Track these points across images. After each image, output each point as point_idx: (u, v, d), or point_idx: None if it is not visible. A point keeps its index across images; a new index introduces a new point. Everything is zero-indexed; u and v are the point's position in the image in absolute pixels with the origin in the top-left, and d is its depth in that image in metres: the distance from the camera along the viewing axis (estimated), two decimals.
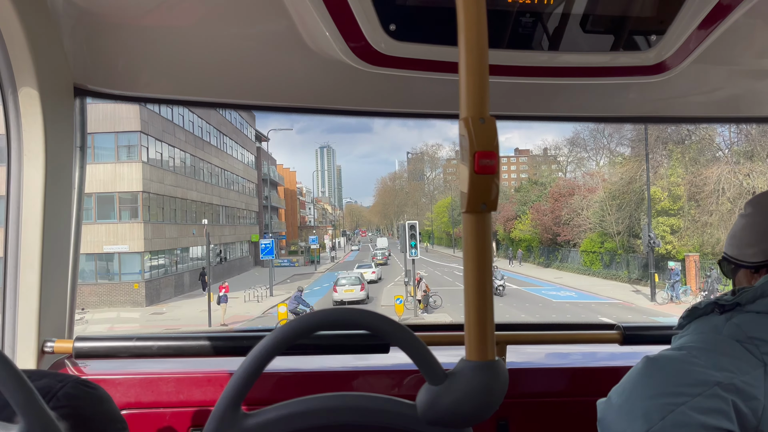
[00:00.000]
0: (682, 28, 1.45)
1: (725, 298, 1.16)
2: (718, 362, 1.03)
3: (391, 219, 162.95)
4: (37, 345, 1.68)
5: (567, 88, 1.79)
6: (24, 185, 1.62)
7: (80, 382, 1.01)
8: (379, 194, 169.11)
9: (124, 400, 1.74)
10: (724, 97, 2.05)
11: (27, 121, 1.59)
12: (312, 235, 64.83)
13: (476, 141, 0.80)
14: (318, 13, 1.33)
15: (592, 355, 2.20)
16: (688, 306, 1.22)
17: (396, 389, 1.84)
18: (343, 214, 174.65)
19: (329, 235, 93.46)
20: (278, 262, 64.50)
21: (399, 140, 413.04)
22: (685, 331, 1.19)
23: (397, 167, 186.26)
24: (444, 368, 0.88)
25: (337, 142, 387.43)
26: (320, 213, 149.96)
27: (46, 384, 0.96)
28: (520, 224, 54.11)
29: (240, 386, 0.87)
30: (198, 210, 44.80)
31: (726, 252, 1.30)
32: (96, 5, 1.54)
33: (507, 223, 57.34)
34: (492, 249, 0.87)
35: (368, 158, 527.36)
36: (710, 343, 1.09)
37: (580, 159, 66.09)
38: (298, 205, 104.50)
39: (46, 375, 1.02)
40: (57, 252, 1.74)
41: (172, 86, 1.85)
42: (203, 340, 1.79)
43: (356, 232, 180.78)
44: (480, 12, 0.82)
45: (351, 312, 0.88)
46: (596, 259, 41.99)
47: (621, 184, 39.57)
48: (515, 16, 1.37)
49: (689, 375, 1.03)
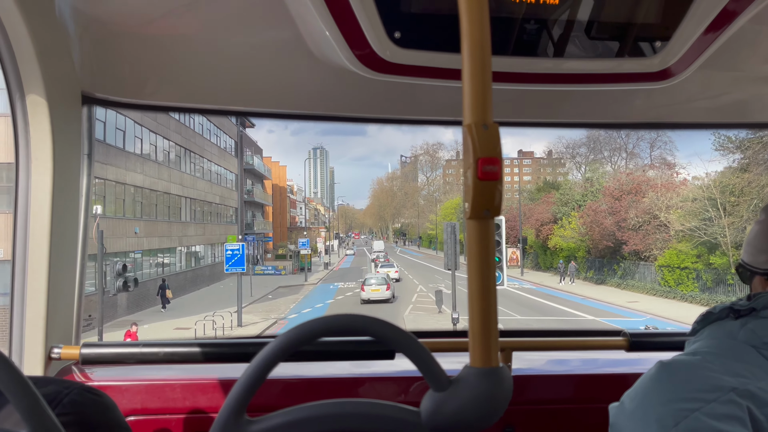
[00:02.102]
0: (687, 35, 1.44)
1: (740, 303, 1.15)
2: (733, 368, 1.03)
3: (387, 221, 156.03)
4: (44, 351, 1.69)
5: (571, 94, 1.82)
6: (32, 192, 1.64)
7: (86, 389, 1.02)
8: (374, 195, 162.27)
9: (130, 407, 1.75)
10: (730, 103, 2.05)
11: (35, 128, 1.61)
12: (302, 237, 54.00)
13: (479, 147, 0.80)
14: (323, 21, 1.33)
15: (598, 361, 2.19)
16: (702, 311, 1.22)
17: (402, 396, 1.85)
18: (336, 216, 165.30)
19: (322, 237, 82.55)
20: (261, 269, 53.62)
21: (392, 144, 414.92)
22: (699, 336, 1.19)
23: (390, 170, 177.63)
24: (449, 375, 0.88)
25: (330, 144, 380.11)
26: (312, 213, 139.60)
27: (52, 391, 0.97)
28: (562, 230, 43.40)
29: (244, 393, 0.86)
30: (148, 201, 33.96)
31: (742, 258, 1.28)
32: (104, 14, 1.55)
33: (542, 227, 46.68)
34: (494, 255, 0.87)
35: (362, 161, 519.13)
36: (725, 348, 1.09)
37: (597, 159, 59.74)
38: (288, 204, 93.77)
39: (52, 382, 1.02)
40: (64, 258, 1.75)
41: (178, 94, 1.88)
42: (210, 346, 1.83)
43: (349, 234, 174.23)
44: (483, 19, 0.83)
45: (354, 318, 0.89)
46: (686, 278, 31.42)
47: (734, 177, 28.94)
48: (520, 23, 1.37)
49: (704, 380, 1.02)
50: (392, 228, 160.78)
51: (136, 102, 1.84)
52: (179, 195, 38.95)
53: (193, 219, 41.78)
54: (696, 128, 2.24)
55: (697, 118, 2.13)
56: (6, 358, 0.79)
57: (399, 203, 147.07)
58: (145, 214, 33.27)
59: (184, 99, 1.90)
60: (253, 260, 58.68)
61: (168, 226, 37.04)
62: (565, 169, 78.05)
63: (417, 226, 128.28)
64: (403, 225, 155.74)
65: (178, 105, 1.97)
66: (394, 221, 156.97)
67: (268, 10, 1.46)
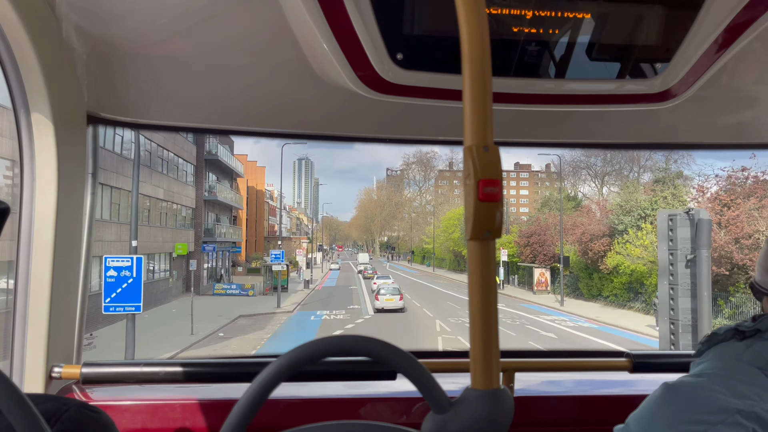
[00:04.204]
0: (687, 56, 1.45)
1: (745, 324, 1.16)
2: (739, 389, 1.03)
3: (373, 234, 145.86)
4: (45, 370, 1.69)
5: (572, 115, 1.81)
6: (36, 211, 1.64)
7: (84, 406, 1.03)
8: (361, 206, 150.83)
9: (130, 427, 1.74)
10: (732, 124, 2.05)
11: (40, 148, 1.62)
12: (276, 248, 42.23)
13: (480, 169, 0.81)
14: (327, 43, 1.35)
15: (601, 382, 2.18)
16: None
17: (404, 417, 1.83)
18: (320, 227, 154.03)
19: (303, 248, 70.66)
20: (222, 288, 41.84)
21: (379, 158, 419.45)
22: (704, 357, 1.18)
23: (375, 184, 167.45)
24: (450, 396, 0.89)
25: (315, 157, 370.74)
26: (294, 223, 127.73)
27: (51, 408, 0.98)
28: (628, 246, 32.21)
29: (245, 413, 0.87)
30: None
31: (755, 278, 1.30)
32: (110, 35, 1.56)
33: (591, 243, 35.52)
34: (495, 275, 0.89)
35: (347, 174, 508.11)
36: (731, 370, 1.09)
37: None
38: (267, 210, 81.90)
39: (50, 399, 1.03)
40: (67, 277, 1.75)
41: (183, 114, 1.89)
42: (211, 366, 1.84)
43: (333, 247, 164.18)
44: (483, 42, 0.84)
45: (356, 339, 0.90)
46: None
47: None
48: (521, 45, 1.38)
49: (710, 402, 1.02)
50: (379, 241, 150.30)
51: (140, 122, 1.84)
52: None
53: (116, 218, 29.89)
54: (698, 149, 2.23)
55: (698, 138, 2.13)
56: (4, 375, 0.79)
57: (389, 214, 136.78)
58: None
59: (187, 119, 1.92)
60: (214, 276, 46.73)
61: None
62: (565, 184, 71.51)
63: (409, 239, 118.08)
64: (390, 238, 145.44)
65: (181, 125, 1.98)
66: (381, 234, 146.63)
67: (272, 31, 1.47)
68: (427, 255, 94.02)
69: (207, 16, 1.46)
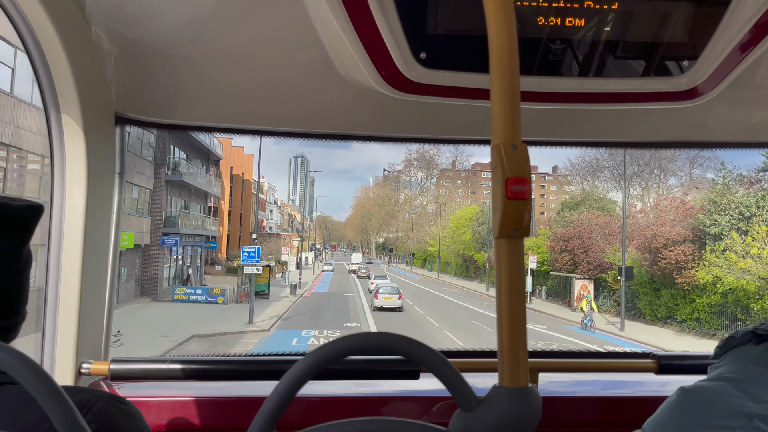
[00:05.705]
0: (715, 54, 1.43)
1: (763, 327, 1.13)
2: (758, 394, 1.01)
3: (369, 234, 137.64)
4: (75, 366, 1.73)
5: (598, 113, 1.81)
6: (66, 209, 1.68)
7: (113, 398, 1.07)
8: (358, 204, 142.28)
9: (157, 422, 1.76)
10: (760, 122, 2.00)
11: (70, 148, 1.65)
12: (252, 245, 33.59)
13: (508, 167, 0.82)
14: (351, 43, 1.37)
15: (627, 384, 2.15)
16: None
17: (426, 416, 1.84)
18: (314, 225, 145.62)
19: (291, 246, 61.91)
20: (185, 294, 33.20)
21: (376, 159, 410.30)
22: (722, 361, 1.16)
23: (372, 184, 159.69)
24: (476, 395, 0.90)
25: (312, 156, 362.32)
26: (286, 219, 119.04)
27: (82, 398, 1.01)
28: (731, 256, 23.73)
29: (274, 410, 0.88)
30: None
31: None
32: (139, 37, 1.59)
33: (666, 251, 27.08)
34: (524, 274, 0.88)
35: (344, 174, 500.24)
36: (749, 374, 1.08)
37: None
38: (257, 203, 73.16)
39: (81, 390, 1.07)
40: (96, 275, 1.79)
41: (209, 114, 1.92)
42: (237, 364, 1.85)
43: (326, 246, 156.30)
44: (511, 40, 0.84)
45: (383, 336, 0.90)
46: None
47: None
48: (545, 43, 1.38)
49: (728, 407, 1.01)
50: (375, 242, 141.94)
51: (167, 122, 1.87)
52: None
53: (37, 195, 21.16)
54: (726, 147, 2.19)
55: (727, 137, 2.09)
56: (42, 369, 0.84)
57: (387, 213, 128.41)
58: None
59: (212, 119, 1.94)
60: (181, 277, 37.99)
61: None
62: (572, 187, 64.68)
63: (408, 240, 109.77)
64: (388, 239, 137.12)
65: (207, 125, 2.01)
66: (378, 234, 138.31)
67: (296, 32, 1.49)
68: (429, 258, 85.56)
69: (233, 17, 1.48)
